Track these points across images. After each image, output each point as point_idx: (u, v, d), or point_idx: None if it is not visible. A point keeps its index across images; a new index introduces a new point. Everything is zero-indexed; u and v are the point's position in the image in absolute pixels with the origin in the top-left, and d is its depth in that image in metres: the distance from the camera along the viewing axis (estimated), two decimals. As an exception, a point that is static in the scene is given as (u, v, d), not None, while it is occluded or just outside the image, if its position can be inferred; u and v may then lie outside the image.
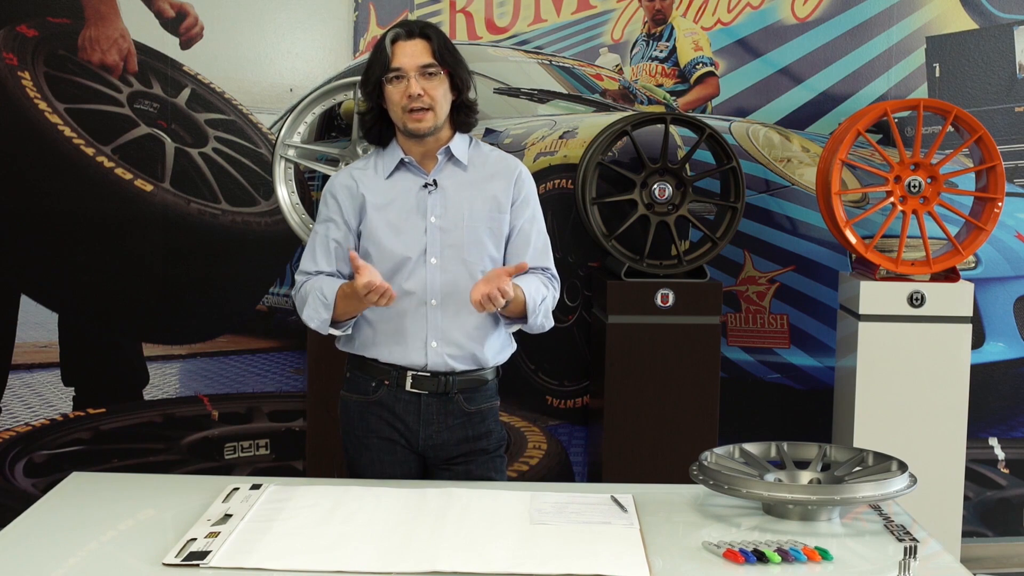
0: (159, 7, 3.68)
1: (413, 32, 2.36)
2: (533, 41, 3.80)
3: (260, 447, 3.85)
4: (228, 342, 3.84)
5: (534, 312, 2.36)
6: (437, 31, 2.38)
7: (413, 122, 2.35)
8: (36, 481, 3.74)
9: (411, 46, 2.34)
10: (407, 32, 2.36)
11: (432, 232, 2.39)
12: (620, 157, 3.73)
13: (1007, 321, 3.86)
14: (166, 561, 1.81)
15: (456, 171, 2.44)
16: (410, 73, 2.33)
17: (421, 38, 2.35)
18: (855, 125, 3.41)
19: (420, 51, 2.34)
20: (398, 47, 2.34)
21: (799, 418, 3.85)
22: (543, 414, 3.88)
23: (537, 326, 2.41)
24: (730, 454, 2.26)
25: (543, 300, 2.40)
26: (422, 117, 2.35)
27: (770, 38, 3.78)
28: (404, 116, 2.36)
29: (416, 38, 2.35)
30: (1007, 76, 3.80)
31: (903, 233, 3.45)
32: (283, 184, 3.40)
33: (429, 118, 2.35)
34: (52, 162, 3.67)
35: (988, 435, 3.89)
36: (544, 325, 2.43)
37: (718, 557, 1.87)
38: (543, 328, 2.44)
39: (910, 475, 2.11)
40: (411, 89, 2.32)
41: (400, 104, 2.35)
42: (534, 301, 2.36)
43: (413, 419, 2.43)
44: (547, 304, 2.42)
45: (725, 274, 3.82)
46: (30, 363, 3.78)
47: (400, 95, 2.34)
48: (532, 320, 2.38)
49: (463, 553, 1.86)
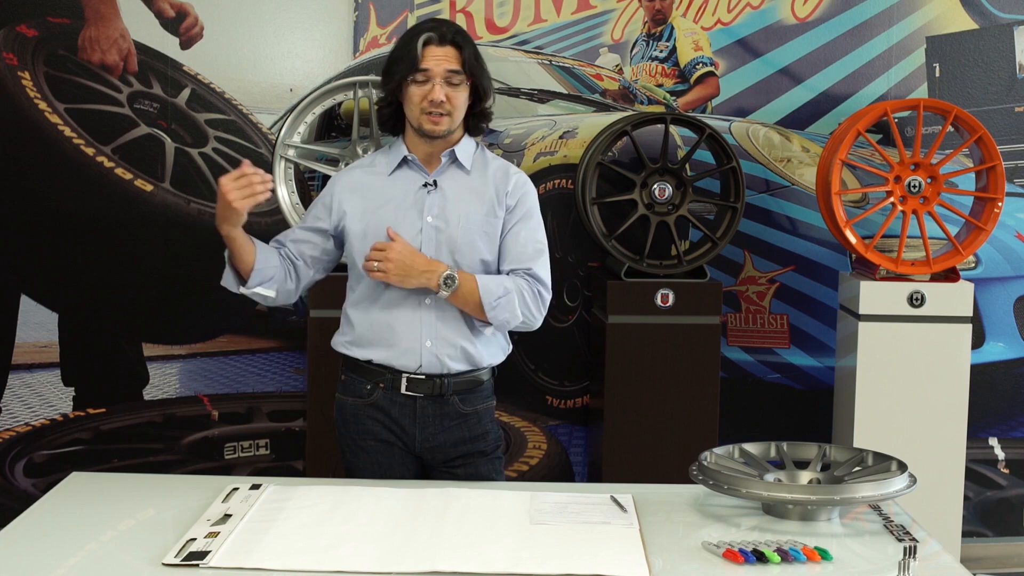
0: (159, 7, 3.68)
1: (445, 38, 2.35)
2: (533, 41, 3.81)
3: (260, 447, 3.85)
4: (228, 342, 3.84)
5: (491, 306, 2.34)
6: (468, 39, 2.39)
7: (430, 124, 2.36)
8: (36, 481, 3.74)
9: (442, 52, 2.34)
10: (439, 37, 2.35)
11: (428, 231, 2.39)
12: (620, 157, 3.73)
13: (1007, 321, 3.86)
14: (166, 561, 1.81)
15: (458, 173, 2.45)
16: (436, 79, 2.33)
17: (452, 46, 2.35)
18: (855, 125, 3.41)
19: (450, 58, 2.34)
20: (429, 51, 2.34)
21: (799, 418, 3.85)
22: (543, 414, 3.89)
23: (501, 322, 2.37)
24: (730, 454, 2.26)
25: (505, 294, 2.35)
26: (439, 121, 2.35)
27: (770, 38, 3.78)
28: (421, 117, 2.36)
29: (448, 45, 2.35)
30: (1007, 76, 3.80)
31: (903, 233, 3.45)
32: (283, 184, 3.40)
33: (445, 122, 2.36)
34: (52, 162, 3.67)
35: (988, 435, 3.89)
36: (509, 322, 2.38)
37: (718, 557, 1.87)
38: (508, 325, 2.39)
39: (910, 475, 2.11)
40: (435, 95, 2.33)
41: (420, 105, 2.35)
42: (490, 293, 2.33)
43: (409, 422, 2.43)
44: (511, 299, 2.35)
45: (725, 274, 3.83)
46: (30, 363, 3.78)
47: (421, 97, 2.35)
48: (491, 314, 2.35)
49: (463, 553, 1.86)
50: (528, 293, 2.39)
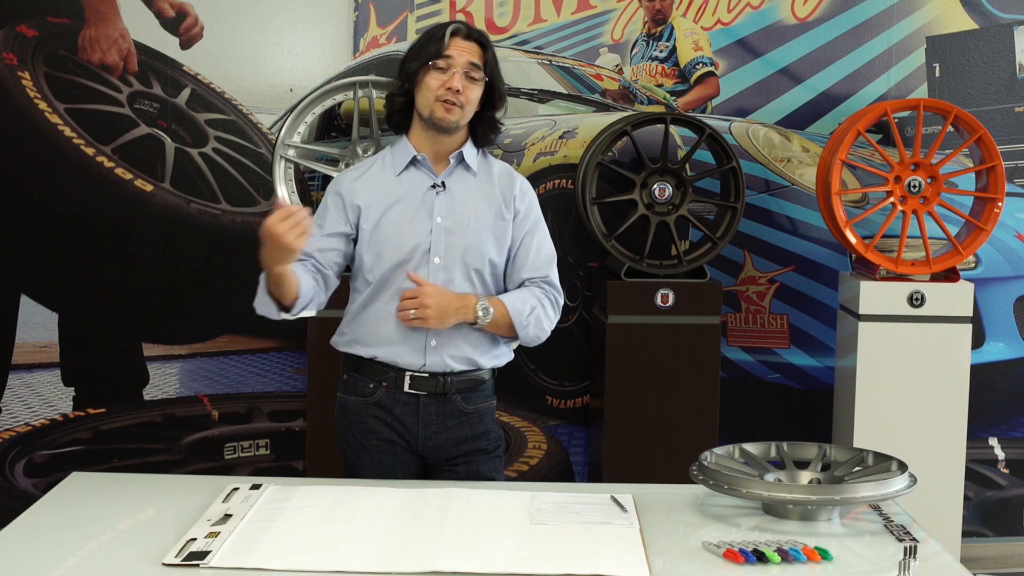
0: (159, 7, 3.68)
1: (472, 34, 2.42)
2: (533, 41, 3.81)
3: (260, 447, 3.85)
4: (228, 342, 3.84)
5: (522, 325, 2.41)
6: (491, 43, 2.44)
7: (442, 111, 2.38)
8: (36, 481, 3.74)
9: (467, 45, 2.39)
10: (467, 31, 2.41)
11: (437, 232, 2.40)
12: (620, 157, 3.73)
13: (1007, 321, 3.86)
14: (166, 561, 1.81)
15: (466, 176, 2.47)
16: (457, 67, 2.37)
17: (477, 43, 2.41)
18: (855, 125, 3.41)
19: (473, 52, 2.40)
20: (455, 41, 2.39)
21: (799, 418, 3.85)
22: (543, 414, 3.89)
23: (530, 338, 2.45)
24: (730, 454, 2.26)
25: (532, 311, 2.42)
26: (451, 109, 2.38)
27: (770, 38, 3.78)
28: (435, 104, 2.38)
29: (473, 41, 2.41)
30: (1007, 76, 3.80)
31: (903, 233, 3.45)
32: (283, 184, 3.40)
33: (456, 113, 2.39)
34: (52, 162, 3.67)
35: (988, 435, 3.89)
36: (539, 336, 2.46)
37: (718, 557, 1.87)
38: (538, 340, 2.47)
39: (910, 475, 2.11)
40: (453, 82, 2.36)
41: (436, 92, 2.38)
42: (520, 313, 2.40)
43: (412, 420, 2.43)
44: (538, 315, 2.43)
45: (725, 274, 3.83)
46: (30, 363, 3.78)
47: (439, 84, 2.37)
48: (523, 333, 2.42)
49: (463, 553, 1.86)
50: (548, 303, 2.47)
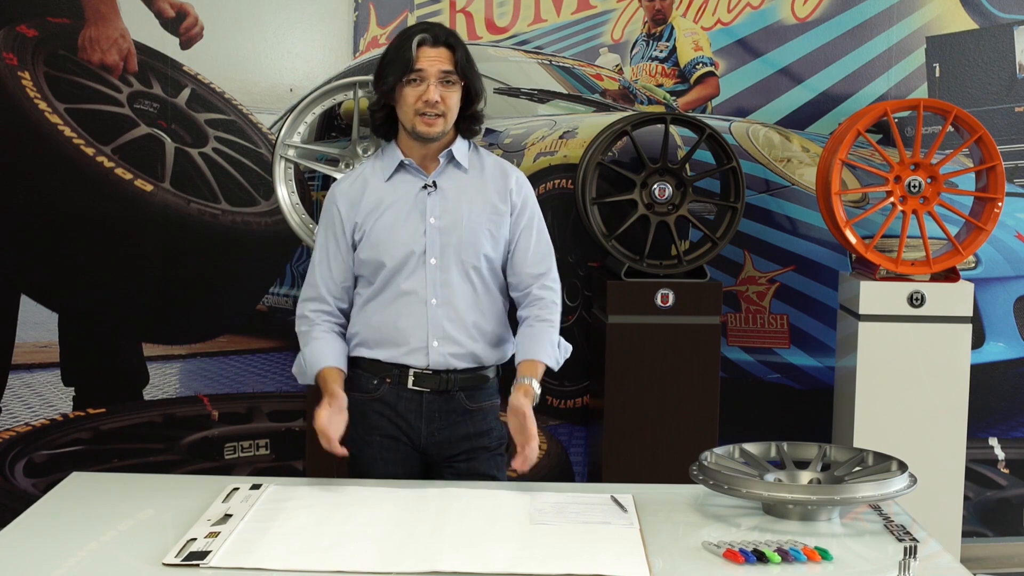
0: (159, 7, 3.68)
1: (439, 39, 2.38)
2: (533, 41, 3.80)
3: (260, 447, 3.85)
4: (228, 342, 3.84)
5: (557, 361, 2.47)
6: (460, 41, 2.41)
7: (424, 125, 2.37)
8: (36, 481, 3.74)
9: (435, 52, 2.36)
10: (433, 38, 2.37)
11: (431, 233, 2.40)
12: (620, 157, 3.73)
13: (1007, 321, 3.86)
14: (166, 561, 1.81)
15: (457, 173, 2.46)
16: (431, 79, 2.35)
17: (446, 47, 2.37)
18: (855, 125, 3.41)
19: (443, 58, 2.36)
20: (423, 51, 2.36)
21: (799, 418, 3.85)
22: (543, 414, 3.88)
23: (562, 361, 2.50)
24: (730, 454, 2.26)
25: (554, 347, 2.46)
26: (433, 123, 2.37)
27: (770, 38, 3.78)
28: (415, 119, 2.37)
29: (441, 46, 2.37)
30: (1007, 76, 3.80)
31: (903, 233, 3.45)
32: (283, 184, 3.40)
33: (439, 124, 2.38)
34: (52, 162, 3.67)
35: (988, 435, 3.89)
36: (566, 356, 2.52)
37: (718, 557, 1.87)
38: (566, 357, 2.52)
39: (910, 475, 2.11)
40: (429, 96, 2.34)
41: (414, 107, 2.36)
42: (554, 359, 2.45)
43: (415, 417, 2.44)
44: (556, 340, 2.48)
45: (725, 274, 3.82)
46: (30, 363, 3.78)
47: (416, 98, 2.36)
48: (556, 366, 2.48)
49: (463, 553, 1.86)
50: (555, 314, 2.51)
